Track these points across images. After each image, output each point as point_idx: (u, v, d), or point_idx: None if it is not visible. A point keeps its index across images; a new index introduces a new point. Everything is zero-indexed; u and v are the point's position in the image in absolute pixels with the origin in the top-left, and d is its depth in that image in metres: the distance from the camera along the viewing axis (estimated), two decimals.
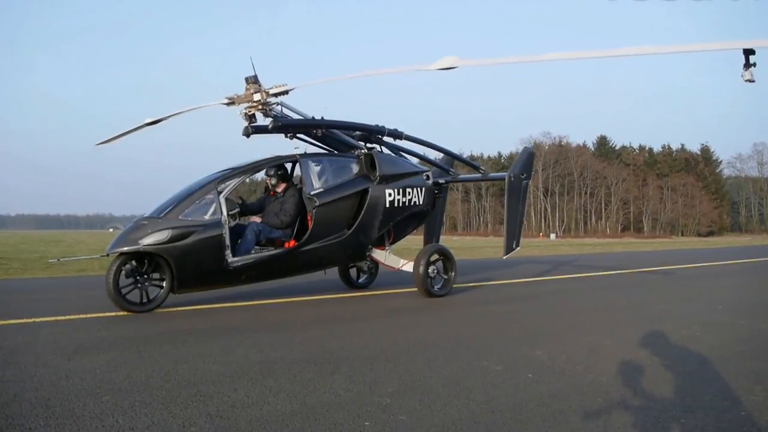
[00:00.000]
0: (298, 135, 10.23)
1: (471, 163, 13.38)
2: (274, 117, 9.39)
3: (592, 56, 8.31)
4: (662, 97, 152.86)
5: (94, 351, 5.77)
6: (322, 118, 9.98)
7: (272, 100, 9.39)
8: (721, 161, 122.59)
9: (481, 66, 8.98)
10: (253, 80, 9.20)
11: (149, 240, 8.10)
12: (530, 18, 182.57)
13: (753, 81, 6.62)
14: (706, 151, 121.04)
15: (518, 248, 11.62)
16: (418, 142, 11.16)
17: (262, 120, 9.48)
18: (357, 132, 10.83)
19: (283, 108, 9.59)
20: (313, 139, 10.42)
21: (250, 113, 9.31)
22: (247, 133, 9.32)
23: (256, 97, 9.20)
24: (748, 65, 6.54)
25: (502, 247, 11.58)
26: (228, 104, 9.47)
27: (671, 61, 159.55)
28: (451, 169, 12.51)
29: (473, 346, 6.27)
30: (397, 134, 10.79)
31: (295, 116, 9.78)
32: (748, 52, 6.48)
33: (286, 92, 9.39)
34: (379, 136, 10.78)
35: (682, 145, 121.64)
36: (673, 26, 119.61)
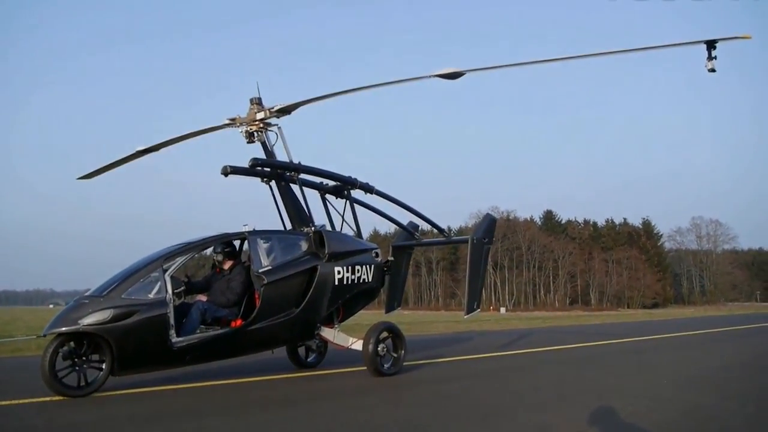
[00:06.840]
0: (270, 183, 10.46)
1: (437, 226, 13.22)
2: (261, 151, 9.91)
3: (562, 59, 9.26)
4: (604, 171, 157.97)
5: None
6: (299, 162, 10.25)
7: (273, 120, 9.93)
8: (661, 235, 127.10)
9: (481, 72, 9.23)
10: (257, 101, 9.85)
11: (89, 320, 7.82)
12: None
13: (714, 71, 7.56)
14: (647, 224, 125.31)
15: (478, 310, 12.09)
16: (388, 199, 11.44)
17: (258, 140, 9.98)
18: (329, 183, 11.01)
19: (279, 136, 10.10)
20: (280, 191, 10.36)
21: (250, 131, 9.87)
22: (225, 172, 9.67)
23: (259, 116, 9.78)
24: (710, 57, 7.49)
25: (464, 308, 12.05)
26: (229, 125, 9.96)
27: (612, 136, 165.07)
28: (415, 232, 12.75)
29: (422, 427, 6.18)
30: (368, 188, 11.11)
31: (281, 152, 10.15)
32: (710, 45, 7.46)
33: (288, 111, 9.91)
34: (350, 188, 11.01)
35: (625, 219, 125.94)
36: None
